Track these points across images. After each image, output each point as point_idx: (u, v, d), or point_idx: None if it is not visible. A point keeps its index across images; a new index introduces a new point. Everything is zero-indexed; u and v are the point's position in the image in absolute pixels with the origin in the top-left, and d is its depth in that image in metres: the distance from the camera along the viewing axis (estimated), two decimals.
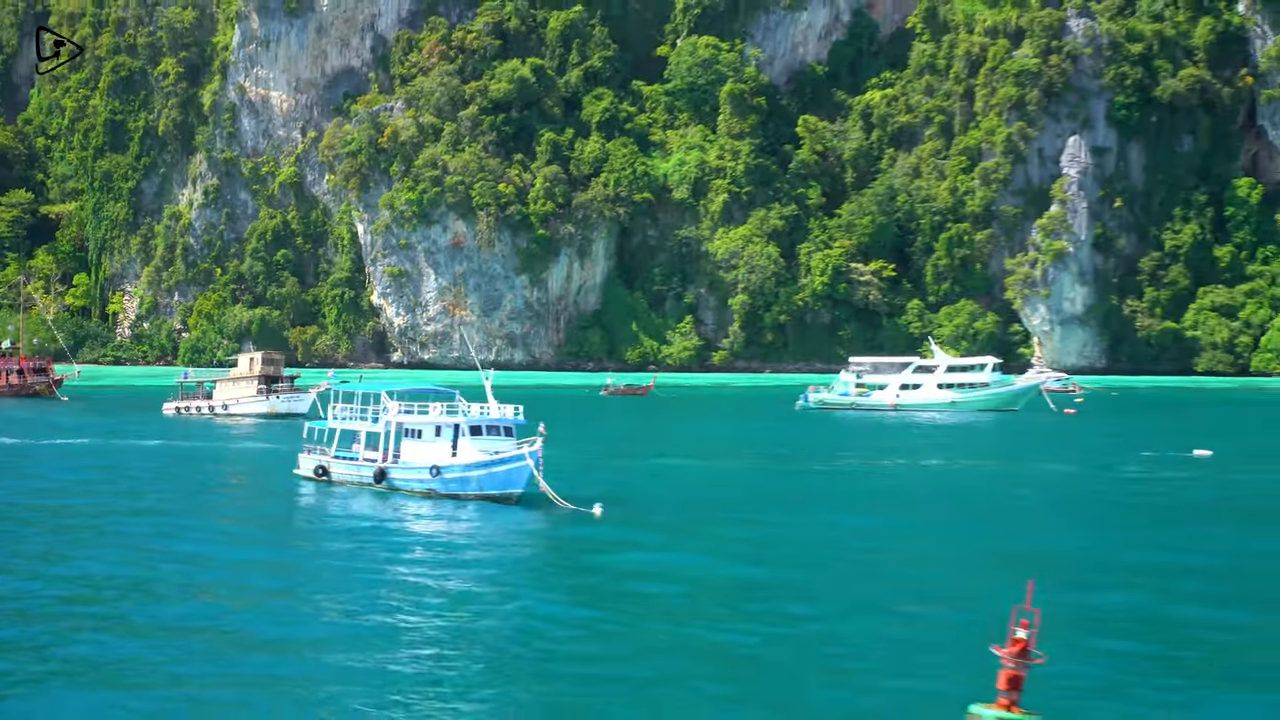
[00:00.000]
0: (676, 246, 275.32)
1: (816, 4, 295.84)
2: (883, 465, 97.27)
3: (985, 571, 50.12)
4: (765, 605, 42.02)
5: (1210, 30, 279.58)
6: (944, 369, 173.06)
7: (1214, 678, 33.93)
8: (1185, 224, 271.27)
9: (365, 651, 35.52)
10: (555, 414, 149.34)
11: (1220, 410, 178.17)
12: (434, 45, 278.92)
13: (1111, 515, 68.85)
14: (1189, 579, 48.72)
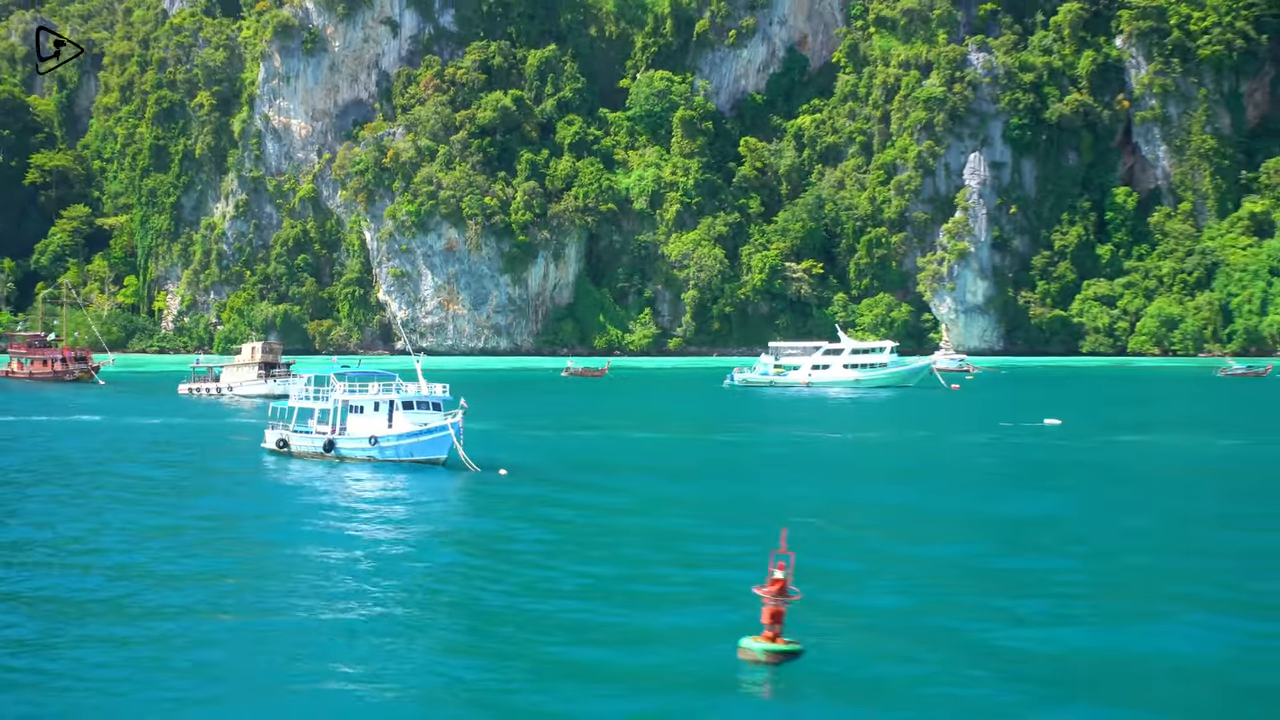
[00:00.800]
0: (637, 249, 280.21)
1: (755, 42, 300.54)
2: (769, 434, 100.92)
3: (796, 521, 46.98)
4: (608, 552, 43.68)
5: (1091, 61, 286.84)
6: (849, 352, 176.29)
7: (964, 609, 35.68)
8: (1071, 227, 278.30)
9: (297, 581, 39.11)
10: (515, 392, 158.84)
11: (1090, 385, 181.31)
12: (429, 80, 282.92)
13: (937, 475, 72.13)
14: (968, 527, 52.29)
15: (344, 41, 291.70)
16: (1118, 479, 69.97)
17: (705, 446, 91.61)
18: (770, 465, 77.04)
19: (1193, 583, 39.56)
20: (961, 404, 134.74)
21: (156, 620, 33.31)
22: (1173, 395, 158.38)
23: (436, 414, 70.31)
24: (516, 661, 29.52)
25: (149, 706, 25.94)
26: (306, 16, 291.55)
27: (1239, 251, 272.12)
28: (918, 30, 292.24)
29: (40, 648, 30.06)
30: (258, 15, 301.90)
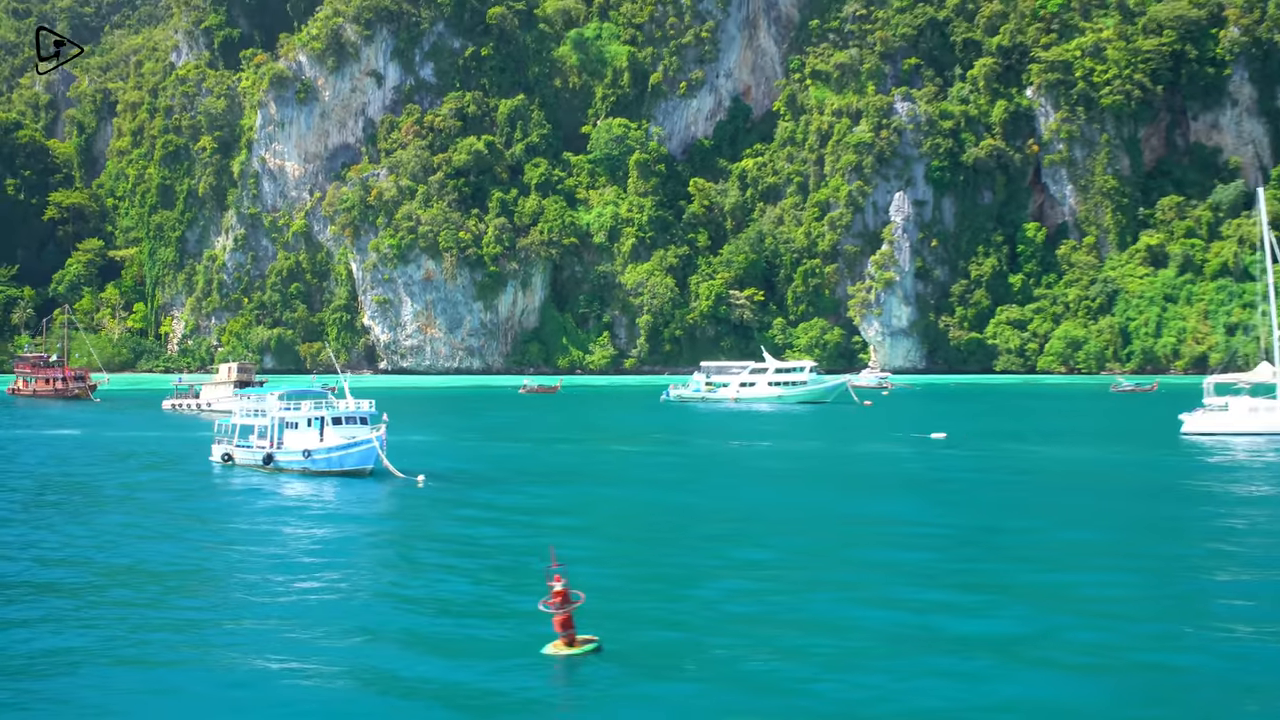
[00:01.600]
0: (596, 278, 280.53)
1: (704, 93, 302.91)
2: (691, 444, 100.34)
3: (663, 525, 52.70)
4: (484, 560, 43.16)
5: (1004, 110, 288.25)
6: (773, 371, 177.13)
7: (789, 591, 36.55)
8: (986, 258, 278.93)
9: (229, 577, 39.87)
10: (472, 408, 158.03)
11: (993, 400, 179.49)
12: (410, 126, 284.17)
13: (812, 480, 72.64)
14: (803, 526, 51.80)
15: (333, 92, 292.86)
16: (965, 485, 69.62)
17: (612, 456, 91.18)
18: (665, 474, 76.50)
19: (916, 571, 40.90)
20: (867, 418, 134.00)
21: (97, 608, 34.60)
22: (1062, 410, 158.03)
23: (363, 428, 70.37)
24: (340, 666, 29.16)
25: (79, 688, 26.40)
26: (299, 69, 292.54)
27: (1137, 280, 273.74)
28: (849, 82, 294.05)
29: None
30: (255, 67, 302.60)
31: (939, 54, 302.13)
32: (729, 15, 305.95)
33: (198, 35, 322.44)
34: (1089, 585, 39.83)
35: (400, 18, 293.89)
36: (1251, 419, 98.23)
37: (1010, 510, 60.29)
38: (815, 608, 35.51)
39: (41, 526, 51.66)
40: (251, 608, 35.30)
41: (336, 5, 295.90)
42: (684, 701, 25.77)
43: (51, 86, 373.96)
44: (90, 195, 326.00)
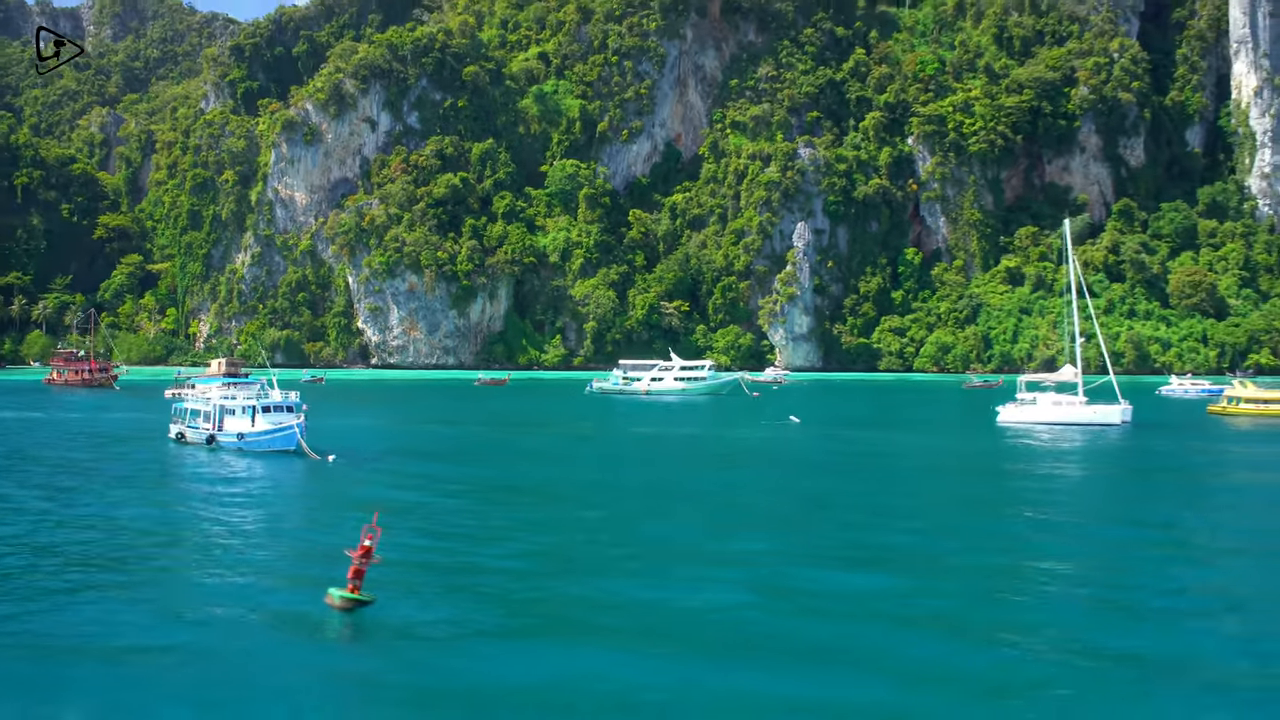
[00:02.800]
0: (551, 291, 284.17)
1: (642, 139, 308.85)
2: (579, 428, 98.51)
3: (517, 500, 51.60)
4: (352, 516, 38.92)
5: (889, 155, 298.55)
6: (678, 368, 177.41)
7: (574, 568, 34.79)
8: (873, 277, 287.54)
9: (164, 532, 39.86)
10: (427, 397, 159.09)
11: (864, 393, 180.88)
12: (398, 164, 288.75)
13: (672, 458, 71.64)
14: (630, 497, 51.11)
15: (335, 135, 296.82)
16: (791, 460, 70.41)
17: (506, 437, 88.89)
18: (538, 453, 76.48)
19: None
20: (749, 407, 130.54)
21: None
22: (917, 401, 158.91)
23: (289, 415, 70.89)
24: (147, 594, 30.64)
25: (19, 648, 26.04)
26: (307, 116, 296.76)
27: (997, 296, 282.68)
28: (761, 131, 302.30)
29: None
30: (270, 114, 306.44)
31: (836, 108, 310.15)
32: (663, 75, 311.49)
33: (223, 87, 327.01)
34: (872, 529, 41.98)
35: (391, 75, 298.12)
36: (1054, 411, 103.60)
37: (801, 472, 62.76)
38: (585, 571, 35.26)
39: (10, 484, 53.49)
40: (155, 541, 38.69)
41: (338, 64, 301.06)
42: (415, 657, 25.77)
43: (105, 128, 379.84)
44: (133, 218, 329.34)
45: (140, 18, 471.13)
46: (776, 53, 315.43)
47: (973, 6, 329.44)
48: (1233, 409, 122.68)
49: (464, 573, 34.53)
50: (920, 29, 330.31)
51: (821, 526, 43.73)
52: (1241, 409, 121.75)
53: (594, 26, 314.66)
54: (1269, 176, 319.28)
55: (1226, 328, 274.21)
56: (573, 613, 29.97)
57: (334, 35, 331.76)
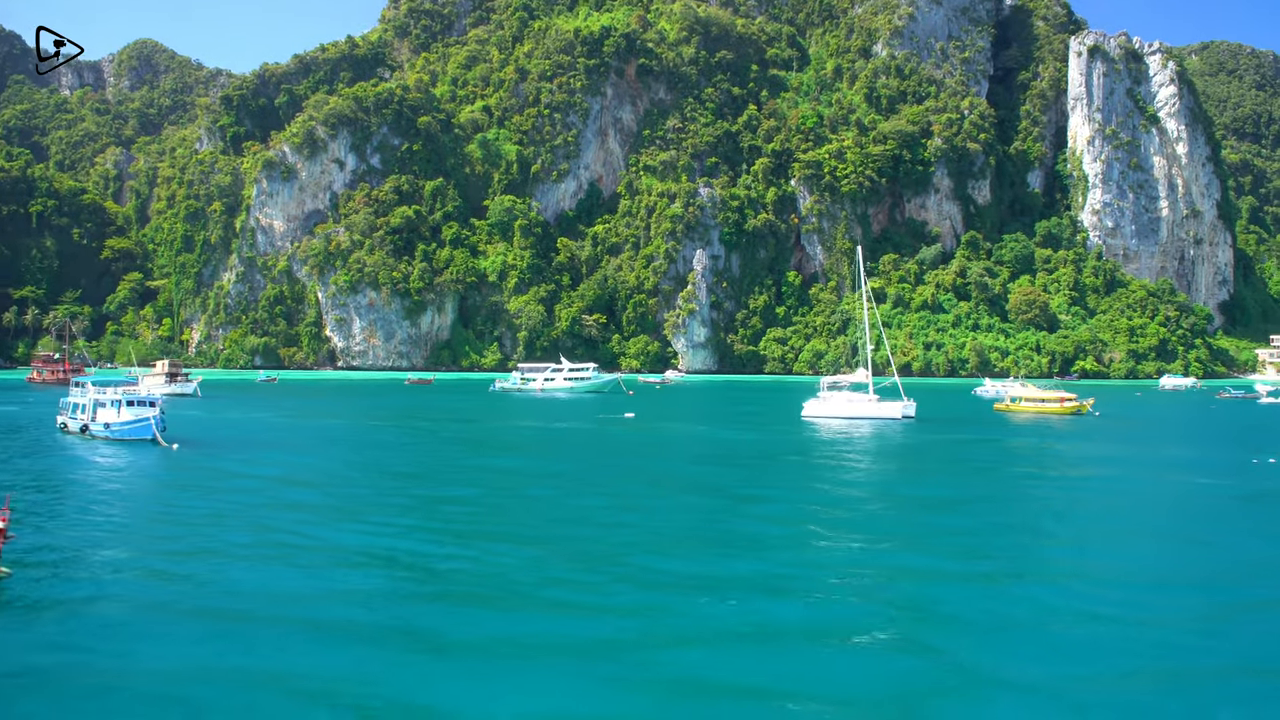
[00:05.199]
0: (490, 306, 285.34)
1: (569, 179, 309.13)
2: (462, 422, 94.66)
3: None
4: (160, 497, 41.43)
5: (775, 194, 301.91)
6: (567, 370, 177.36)
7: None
8: (760, 295, 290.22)
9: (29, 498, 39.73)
10: (355, 394, 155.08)
11: (731, 392, 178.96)
12: (361, 198, 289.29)
13: (512, 446, 69.86)
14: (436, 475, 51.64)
15: (308, 173, 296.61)
16: (605, 448, 68.38)
17: (376, 428, 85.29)
18: (383, 442, 73.17)
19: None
20: (610, 404, 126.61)
21: None
22: (766, 400, 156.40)
23: (150, 409, 70.25)
24: None
25: None
26: (284, 156, 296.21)
27: (864, 311, 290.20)
28: (669, 173, 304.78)
29: None
30: (253, 154, 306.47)
31: (731, 155, 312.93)
32: (588, 126, 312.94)
33: (215, 131, 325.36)
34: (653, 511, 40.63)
35: (356, 123, 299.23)
36: (848, 406, 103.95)
37: (563, 456, 62.40)
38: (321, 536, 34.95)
39: None
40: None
41: (312, 113, 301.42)
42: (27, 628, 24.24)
43: (118, 164, 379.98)
44: (135, 241, 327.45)
45: (154, 70, 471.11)
46: (682, 108, 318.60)
47: (848, 71, 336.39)
48: (1014, 407, 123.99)
49: (120, 555, 32.04)
50: (804, 89, 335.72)
51: (505, 495, 43.22)
52: (1022, 407, 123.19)
53: (529, 84, 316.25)
54: (1098, 212, 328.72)
55: (1057, 339, 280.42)
56: (210, 591, 28.33)
57: (310, 89, 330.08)
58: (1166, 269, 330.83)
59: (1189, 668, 22.75)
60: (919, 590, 28.55)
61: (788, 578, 29.72)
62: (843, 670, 22.31)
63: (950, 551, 33.52)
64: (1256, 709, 20.60)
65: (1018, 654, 23.27)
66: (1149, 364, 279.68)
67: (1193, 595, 27.86)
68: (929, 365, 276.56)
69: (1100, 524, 38.27)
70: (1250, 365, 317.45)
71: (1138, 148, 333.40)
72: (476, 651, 23.55)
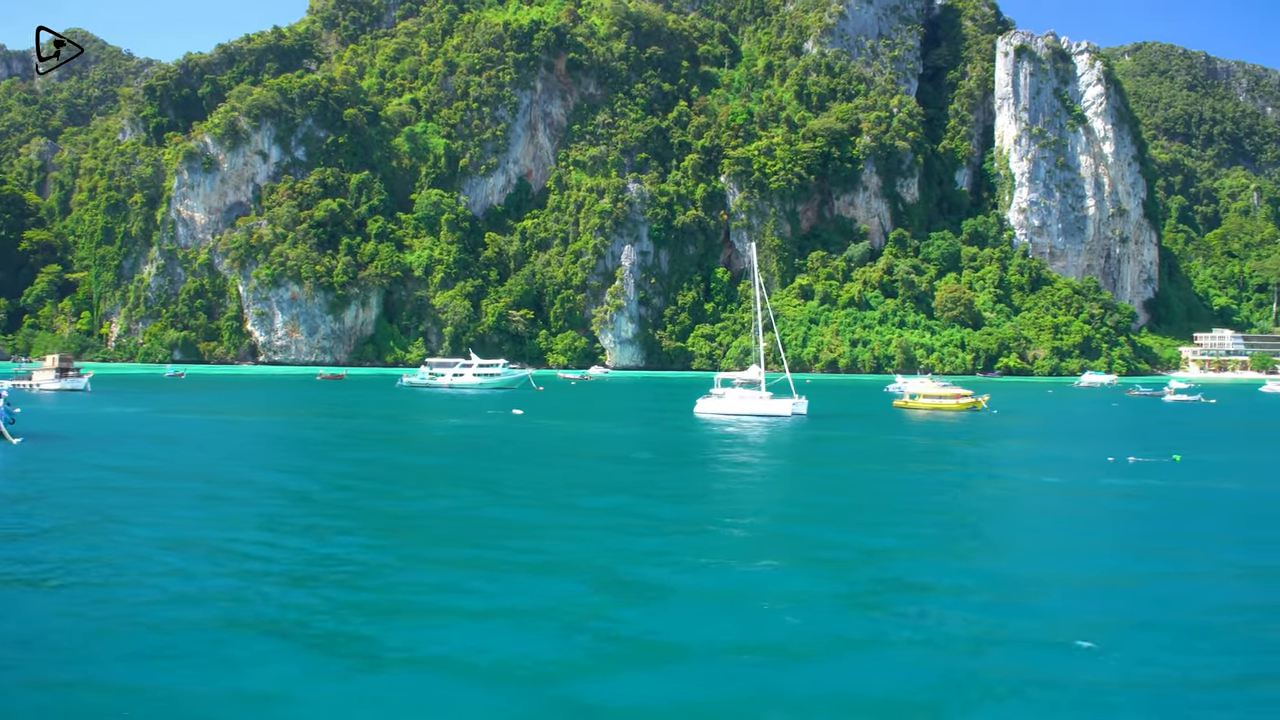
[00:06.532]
0: (416, 301, 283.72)
1: (498, 174, 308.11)
2: (344, 418, 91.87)
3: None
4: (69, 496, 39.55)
5: (705, 190, 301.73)
6: (476, 366, 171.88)
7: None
8: (689, 292, 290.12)
9: None
10: (260, 389, 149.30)
11: (643, 388, 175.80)
12: (285, 190, 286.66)
13: (404, 442, 68.34)
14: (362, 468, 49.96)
15: (230, 164, 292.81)
16: (478, 447, 65.38)
17: (249, 424, 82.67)
18: (277, 441, 70.12)
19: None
20: (511, 400, 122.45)
21: None
22: (672, 396, 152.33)
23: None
24: None
25: None
26: (206, 147, 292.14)
27: (791, 308, 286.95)
28: (598, 169, 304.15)
29: None
30: (175, 145, 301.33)
31: (661, 151, 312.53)
32: (517, 120, 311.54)
33: (137, 121, 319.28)
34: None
35: (280, 114, 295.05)
36: (739, 404, 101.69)
37: (476, 457, 61.11)
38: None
39: None
40: None
41: (234, 103, 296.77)
42: None
43: (42, 155, 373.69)
44: (55, 234, 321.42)
45: (83, 61, 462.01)
46: (612, 103, 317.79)
47: (779, 68, 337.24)
48: (912, 404, 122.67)
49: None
50: (735, 86, 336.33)
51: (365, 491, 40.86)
52: (919, 403, 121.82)
53: (458, 78, 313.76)
54: (1024, 211, 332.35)
55: (981, 336, 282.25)
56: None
57: (234, 79, 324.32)
58: (1092, 267, 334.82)
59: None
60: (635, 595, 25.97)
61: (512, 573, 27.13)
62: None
63: (696, 545, 31.64)
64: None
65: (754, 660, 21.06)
66: (1073, 361, 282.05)
67: (947, 603, 25.78)
68: (855, 362, 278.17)
69: (896, 525, 36.86)
70: (1174, 362, 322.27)
71: (1064, 147, 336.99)
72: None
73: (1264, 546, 33.69)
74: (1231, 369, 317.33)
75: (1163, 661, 21.61)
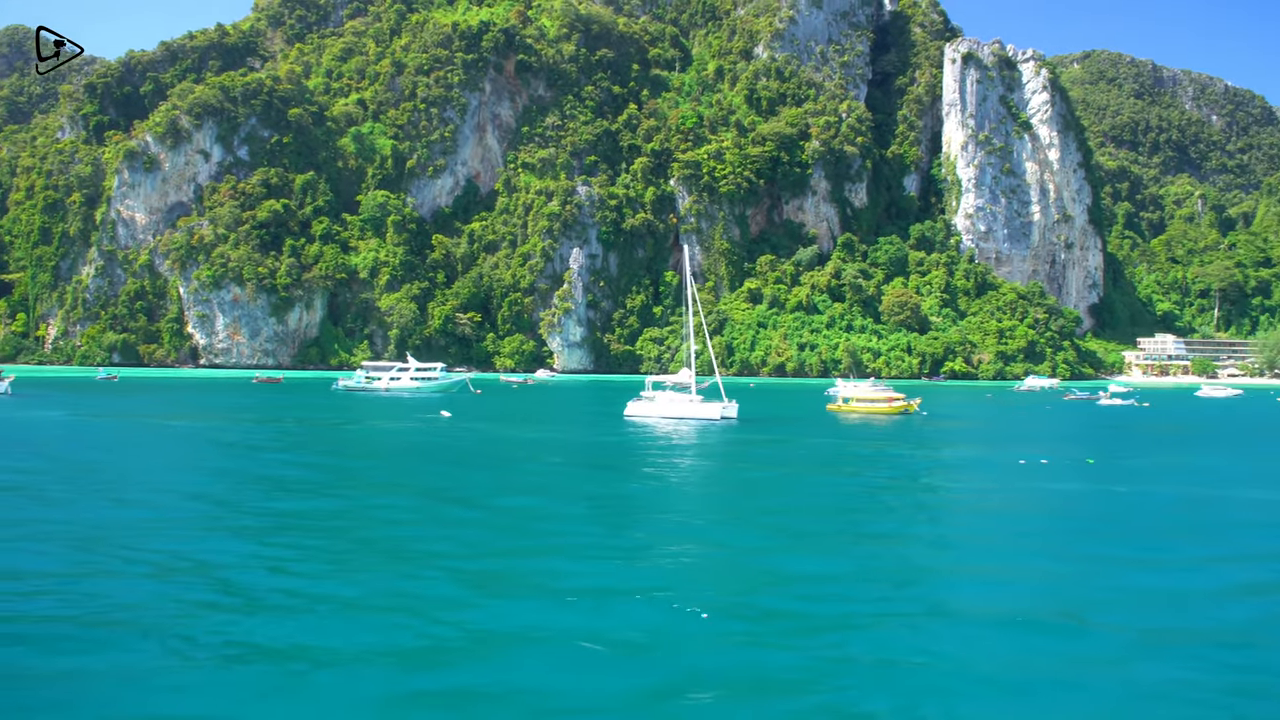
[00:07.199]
0: (361, 304, 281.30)
1: (446, 175, 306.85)
2: (260, 420, 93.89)
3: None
4: None
5: (654, 194, 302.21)
6: (414, 369, 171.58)
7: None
8: (637, 295, 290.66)
9: None
10: (192, 393, 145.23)
11: (582, 392, 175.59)
12: (227, 190, 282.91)
13: (332, 445, 67.23)
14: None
15: (172, 164, 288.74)
16: (421, 452, 63.66)
17: (165, 428, 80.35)
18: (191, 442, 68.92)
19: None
20: (450, 404, 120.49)
21: None
22: (605, 399, 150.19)
23: None
24: None
25: None
26: (147, 146, 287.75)
27: (740, 312, 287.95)
28: (547, 171, 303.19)
29: None
30: (115, 144, 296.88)
31: (610, 153, 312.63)
32: (465, 121, 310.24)
33: (78, 119, 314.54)
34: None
35: (223, 113, 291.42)
36: (668, 407, 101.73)
37: (384, 458, 60.84)
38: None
39: None
40: None
41: (176, 102, 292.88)
42: None
43: None
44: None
45: (25, 58, 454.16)
46: (562, 105, 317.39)
47: (729, 72, 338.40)
48: (845, 407, 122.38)
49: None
50: (685, 90, 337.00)
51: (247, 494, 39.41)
52: (852, 407, 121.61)
53: (406, 78, 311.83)
54: (971, 216, 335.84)
55: (927, 340, 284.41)
56: None
57: (177, 77, 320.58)
58: (1038, 272, 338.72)
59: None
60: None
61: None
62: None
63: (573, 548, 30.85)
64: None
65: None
66: (1017, 365, 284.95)
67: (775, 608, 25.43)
68: (803, 365, 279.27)
69: (781, 524, 36.57)
70: (1117, 367, 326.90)
71: (1010, 153, 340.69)
72: None
73: (1117, 542, 34.36)
74: (1173, 373, 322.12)
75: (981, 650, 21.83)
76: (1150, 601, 26.77)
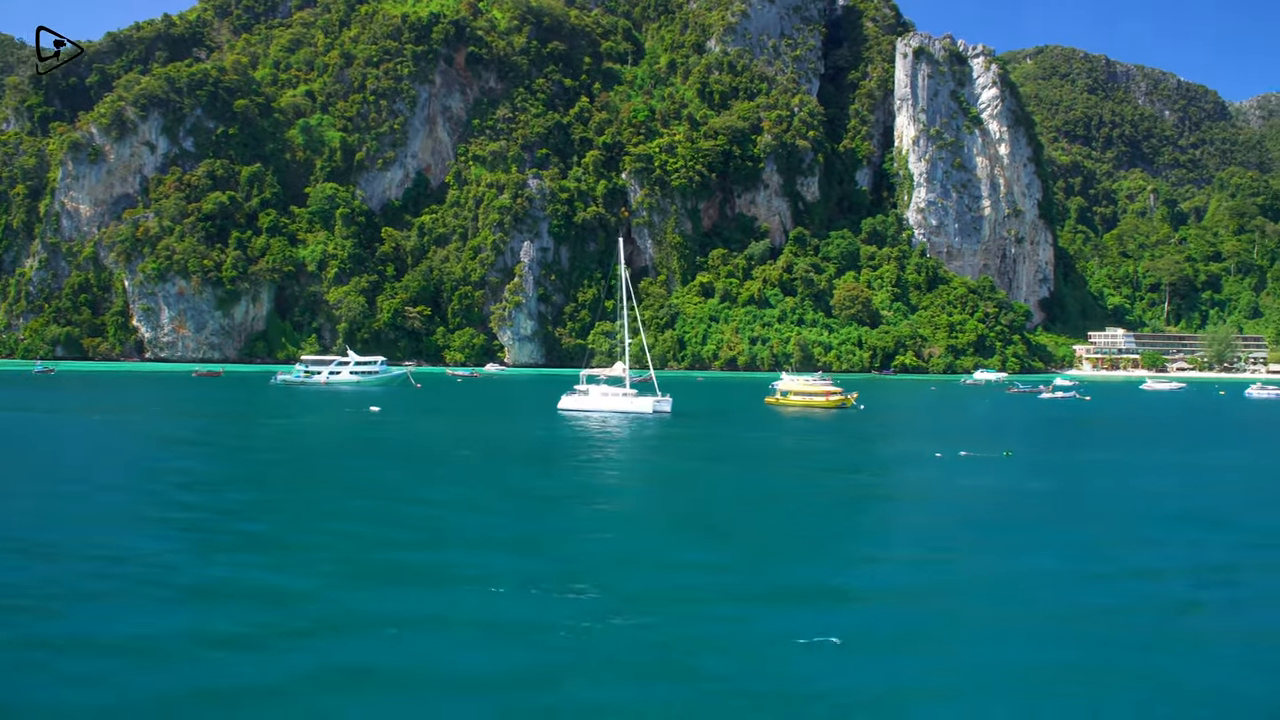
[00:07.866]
0: (309, 297, 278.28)
1: (396, 167, 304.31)
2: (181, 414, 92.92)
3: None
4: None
5: (605, 187, 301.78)
6: (354, 363, 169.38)
7: None
8: (589, 289, 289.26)
9: None
10: (131, 387, 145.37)
11: (527, 386, 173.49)
12: (173, 183, 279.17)
13: (184, 441, 66.79)
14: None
15: (117, 155, 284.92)
16: (336, 448, 63.77)
17: (73, 424, 79.92)
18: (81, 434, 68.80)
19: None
20: (388, 398, 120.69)
21: None
22: (557, 393, 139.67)
23: None
24: None
25: None
26: (92, 137, 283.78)
27: (692, 306, 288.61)
28: (498, 164, 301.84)
29: None
30: (59, 135, 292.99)
31: (562, 147, 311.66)
32: (415, 113, 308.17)
33: (23, 111, 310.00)
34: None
35: (169, 104, 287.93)
36: (602, 401, 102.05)
37: (308, 453, 60.85)
38: None
39: None
40: None
41: (121, 92, 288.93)
42: None
43: None
44: None
45: None
46: (513, 98, 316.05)
47: (682, 65, 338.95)
48: (784, 400, 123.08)
49: None
50: (638, 83, 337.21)
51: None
52: (790, 400, 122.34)
53: (355, 70, 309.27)
54: (923, 211, 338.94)
55: (879, 334, 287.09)
56: None
57: (123, 68, 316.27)
58: (989, 267, 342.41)
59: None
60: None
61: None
62: None
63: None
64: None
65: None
66: (967, 359, 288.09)
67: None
68: (754, 359, 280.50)
69: (685, 518, 36.95)
70: (1068, 361, 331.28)
71: (961, 148, 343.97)
72: None
73: (991, 530, 35.01)
74: (1124, 367, 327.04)
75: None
76: (998, 584, 27.67)
